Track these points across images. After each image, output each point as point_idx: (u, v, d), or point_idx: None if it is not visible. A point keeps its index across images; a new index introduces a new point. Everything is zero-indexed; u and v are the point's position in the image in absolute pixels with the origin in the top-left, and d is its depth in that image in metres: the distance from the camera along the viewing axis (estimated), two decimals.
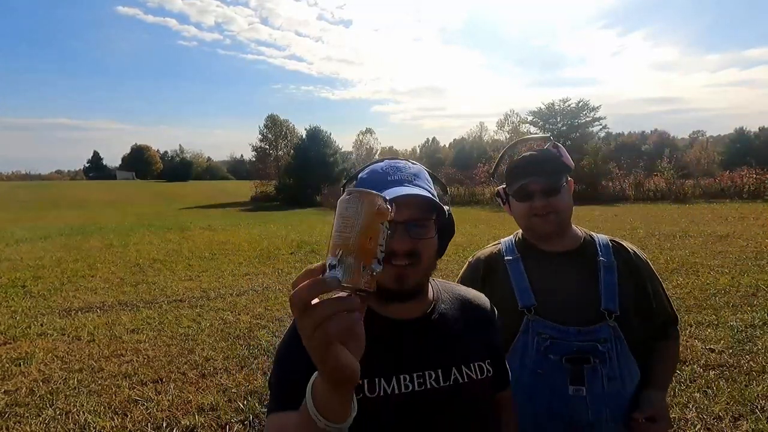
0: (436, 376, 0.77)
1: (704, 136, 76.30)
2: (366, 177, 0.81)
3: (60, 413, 2.86)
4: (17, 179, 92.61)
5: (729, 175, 18.39)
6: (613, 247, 1.15)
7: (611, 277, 1.09)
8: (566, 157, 1.14)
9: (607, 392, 1.03)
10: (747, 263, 5.85)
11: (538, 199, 1.10)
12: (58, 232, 13.15)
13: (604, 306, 1.05)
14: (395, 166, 0.81)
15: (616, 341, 1.04)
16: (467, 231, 10.84)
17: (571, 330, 1.04)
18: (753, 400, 2.67)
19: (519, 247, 1.20)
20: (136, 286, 6.19)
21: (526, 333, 1.08)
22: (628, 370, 1.05)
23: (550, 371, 1.04)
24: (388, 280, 0.74)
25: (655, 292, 1.13)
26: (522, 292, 1.11)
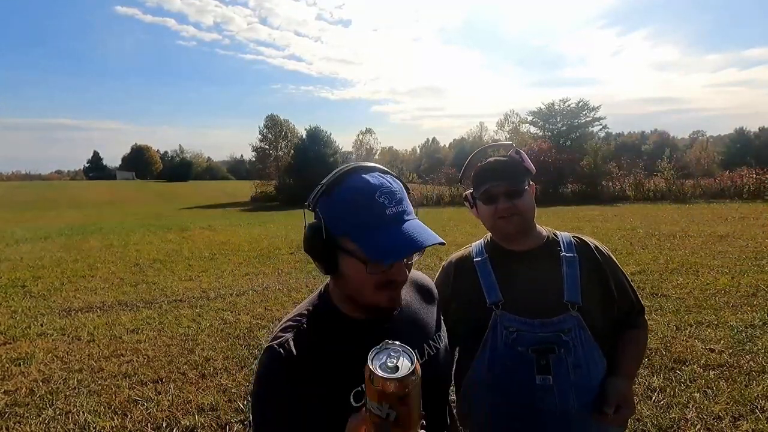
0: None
1: (704, 136, 76.39)
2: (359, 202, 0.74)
3: (60, 413, 2.86)
4: (17, 179, 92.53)
5: (729, 175, 18.34)
6: (575, 243, 1.21)
7: (573, 270, 1.15)
8: (528, 163, 1.21)
9: (573, 381, 1.07)
10: (747, 263, 5.85)
11: (501, 202, 1.16)
12: (58, 232, 13.16)
13: (567, 298, 1.11)
14: (388, 191, 0.76)
15: (579, 330, 1.09)
16: (467, 231, 10.84)
17: (536, 322, 1.10)
18: (753, 400, 2.67)
19: (488, 248, 1.27)
20: (136, 286, 6.20)
21: (494, 328, 1.13)
22: (593, 359, 1.10)
23: (517, 362, 1.09)
24: (385, 301, 0.79)
25: (617, 283, 1.19)
26: (489, 289, 1.17)
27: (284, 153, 42.39)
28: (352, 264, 0.75)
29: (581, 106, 30.05)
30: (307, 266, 7.20)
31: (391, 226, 0.73)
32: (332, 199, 0.76)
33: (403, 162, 66.86)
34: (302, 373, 0.75)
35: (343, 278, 0.79)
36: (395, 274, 0.76)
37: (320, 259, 0.78)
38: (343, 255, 0.76)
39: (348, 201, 0.75)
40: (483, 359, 1.14)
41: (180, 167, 77.21)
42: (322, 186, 0.78)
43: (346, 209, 0.75)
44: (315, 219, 0.78)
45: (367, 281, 0.76)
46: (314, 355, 0.77)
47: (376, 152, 66.79)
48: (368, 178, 0.76)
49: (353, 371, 0.71)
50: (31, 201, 34.85)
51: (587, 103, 30.04)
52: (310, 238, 0.78)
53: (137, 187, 55.39)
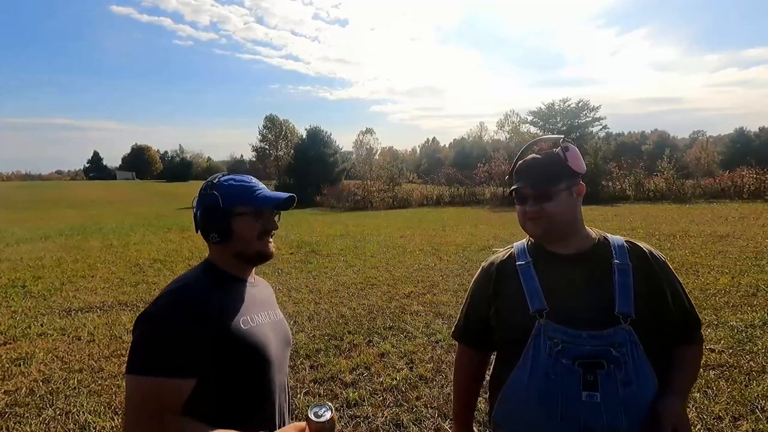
0: (272, 314, 1.20)
1: (704, 136, 76.32)
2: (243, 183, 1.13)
3: (60, 413, 2.86)
4: (17, 179, 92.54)
5: (729, 175, 18.32)
6: (628, 248, 1.12)
7: (626, 279, 1.06)
8: (573, 161, 1.12)
9: (622, 398, 1.00)
10: (747, 263, 5.85)
11: (530, 205, 1.12)
12: (58, 232, 13.15)
13: (619, 309, 1.03)
14: (253, 178, 1.18)
15: (631, 346, 1.01)
16: (467, 231, 10.84)
17: (584, 334, 1.02)
18: (753, 400, 2.67)
19: (531, 250, 1.19)
20: (136, 286, 6.20)
21: (537, 337, 1.06)
22: (644, 376, 1.02)
23: (562, 376, 1.02)
24: (267, 248, 1.14)
25: (674, 294, 1.10)
26: (533, 295, 1.10)
27: (284, 153, 42.41)
28: (245, 220, 1.09)
29: (581, 106, 30.08)
30: (307, 266, 7.20)
31: (263, 192, 1.14)
32: (222, 187, 1.11)
33: (404, 162, 66.79)
34: (204, 304, 0.99)
35: (235, 238, 1.09)
36: (271, 224, 1.14)
37: (218, 227, 1.08)
38: (237, 218, 1.08)
39: (234, 184, 1.12)
40: (524, 369, 1.07)
41: (180, 167, 77.17)
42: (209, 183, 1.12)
43: (235, 188, 1.11)
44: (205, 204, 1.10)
45: (254, 231, 1.10)
46: (210, 292, 1.04)
47: (376, 152, 66.75)
48: (235, 175, 1.15)
49: (239, 306, 1.07)
50: (31, 201, 34.84)
51: (587, 103, 30.09)
52: (207, 213, 1.09)
53: (137, 187, 55.37)
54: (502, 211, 16.86)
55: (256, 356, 1.04)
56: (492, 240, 8.87)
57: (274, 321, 1.18)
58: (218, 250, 1.11)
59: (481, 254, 7.64)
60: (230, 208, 1.08)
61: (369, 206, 23.32)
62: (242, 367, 1.02)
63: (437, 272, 6.37)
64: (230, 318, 1.02)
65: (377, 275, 6.38)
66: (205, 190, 1.12)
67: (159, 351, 0.92)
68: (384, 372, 3.28)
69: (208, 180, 1.14)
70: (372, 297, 5.27)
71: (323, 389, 3.06)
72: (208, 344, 0.95)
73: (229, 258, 1.11)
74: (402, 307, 4.83)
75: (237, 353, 1.00)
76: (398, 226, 12.83)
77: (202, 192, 1.12)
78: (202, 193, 1.12)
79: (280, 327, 1.20)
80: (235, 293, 1.09)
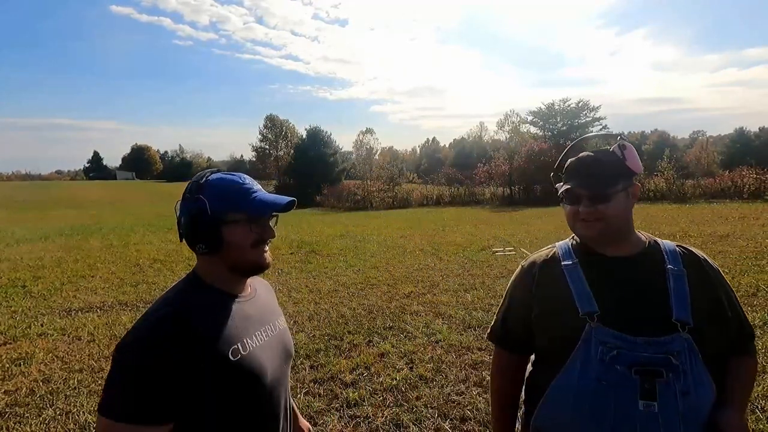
0: (271, 328, 1.09)
1: (704, 136, 76.32)
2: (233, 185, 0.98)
3: (60, 413, 2.86)
4: (17, 179, 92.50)
5: (729, 175, 18.33)
6: (681, 254, 1.08)
7: (681, 285, 1.02)
8: (631, 161, 1.07)
9: (681, 410, 0.95)
10: (747, 263, 5.85)
11: (584, 205, 1.06)
12: (58, 232, 13.15)
13: (677, 316, 0.98)
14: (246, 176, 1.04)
15: (690, 355, 0.97)
16: (467, 231, 10.83)
17: (639, 340, 0.97)
18: (753, 400, 2.66)
19: (576, 251, 1.14)
20: (136, 286, 6.19)
21: (588, 341, 1.01)
22: (703, 387, 0.97)
23: (616, 383, 0.97)
24: (262, 258, 1.01)
25: (729, 303, 1.06)
26: (582, 297, 1.04)
27: (284, 153, 42.40)
28: (237, 229, 0.96)
29: (581, 106, 30.08)
30: (307, 266, 7.20)
31: (259, 194, 1.00)
32: (211, 190, 0.96)
33: (404, 162, 66.76)
34: (188, 335, 0.87)
35: (226, 249, 0.96)
36: (267, 232, 1.01)
37: (206, 237, 0.95)
38: (228, 226, 0.95)
39: (224, 186, 0.98)
40: (571, 373, 1.02)
41: (180, 167, 77.18)
42: (194, 185, 0.98)
43: (226, 191, 0.97)
44: (190, 210, 0.96)
45: (247, 241, 0.97)
46: (196, 319, 0.91)
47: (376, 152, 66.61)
48: (226, 173, 1.02)
49: (230, 332, 0.94)
50: (31, 201, 34.83)
51: (587, 103, 30.09)
52: (193, 221, 0.95)
53: (137, 187, 55.35)
54: (502, 211, 16.86)
55: (248, 389, 0.94)
56: (492, 240, 8.84)
57: (272, 337, 1.07)
58: (206, 262, 0.99)
59: (481, 254, 7.64)
60: (220, 215, 0.94)
61: (369, 206, 23.33)
62: (232, 402, 0.92)
63: (437, 272, 6.37)
64: (217, 350, 0.90)
65: (377, 275, 6.38)
66: (190, 194, 0.97)
67: (129, 394, 0.83)
68: (384, 372, 3.28)
69: (193, 180, 1.00)
70: (372, 297, 5.27)
71: (323, 389, 3.06)
72: (190, 384, 0.85)
73: (218, 271, 0.99)
74: (402, 307, 4.83)
75: (225, 389, 0.90)
76: (398, 226, 12.83)
77: (187, 196, 0.97)
78: (186, 196, 0.98)
79: (278, 342, 1.09)
80: (224, 316, 0.96)
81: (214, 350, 0.90)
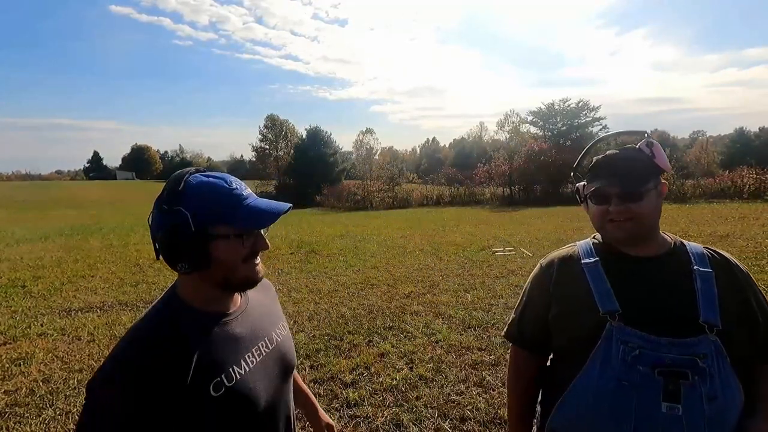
0: (266, 344, 0.98)
1: (704, 136, 76.30)
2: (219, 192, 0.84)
3: (60, 413, 2.86)
4: (17, 179, 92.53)
5: (729, 175, 18.34)
6: (709, 255, 1.06)
7: (709, 286, 0.98)
8: (660, 158, 1.04)
9: (707, 414, 0.91)
10: (747, 263, 5.84)
11: (614, 204, 1.02)
12: (58, 232, 13.15)
13: (704, 318, 0.94)
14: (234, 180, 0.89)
15: (718, 358, 0.93)
16: (467, 231, 10.83)
17: (663, 341, 0.94)
18: None
19: (598, 250, 1.11)
20: (136, 286, 6.19)
21: (609, 340, 0.97)
22: (731, 392, 0.93)
23: (638, 383, 0.94)
24: (254, 272, 0.90)
25: (759, 304, 1.02)
26: (603, 296, 1.01)
27: (284, 153, 42.38)
28: (227, 244, 0.84)
29: (581, 106, 30.07)
30: (307, 266, 7.20)
31: (251, 201, 0.87)
32: (192, 198, 0.82)
33: (404, 162, 66.79)
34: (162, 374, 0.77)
35: (215, 266, 0.84)
36: (261, 243, 0.89)
37: (190, 255, 0.82)
38: (216, 240, 0.83)
39: (210, 193, 0.83)
40: (591, 374, 0.98)
41: (180, 167, 75.87)
42: (170, 193, 0.82)
43: (212, 200, 0.83)
44: (169, 224, 0.81)
45: (238, 257, 0.86)
46: (173, 354, 0.80)
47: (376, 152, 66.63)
48: (209, 174, 0.88)
49: (213, 363, 0.84)
50: (31, 201, 34.83)
51: (587, 103, 30.07)
52: (174, 238, 0.81)
53: (137, 187, 55.35)
54: (502, 211, 16.87)
55: (239, 421, 0.86)
56: (492, 240, 8.84)
57: (267, 355, 0.96)
58: (188, 281, 0.88)
59: (481, 254, 7.64)
60: (206, 230, 0.81)
61: (369, 206, 23.33)
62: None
63: (437, 272, 6.37)
64: (194, 388, 0.79)
65: (377, 275, 6.38)
66: (167, 204, 0.81)
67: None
68: (384, 372, 3.28)
69: (169, 186, 0.83)
70: (372, 297, 5.27)
71: (323, 389, 3.06)
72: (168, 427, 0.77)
73: (203, 290, 0.88)
74: (402, 307, 4.83)
75: (212, 427, 0.82)
76: (398, 226, 12.83)
77: (163, 207, 0.82)
78: (162, 207, 0.82)
79: (275, 358, 0.98)
80: (206, 344, 0.85)
81: (190, 389, 0.79)
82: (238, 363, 0.88)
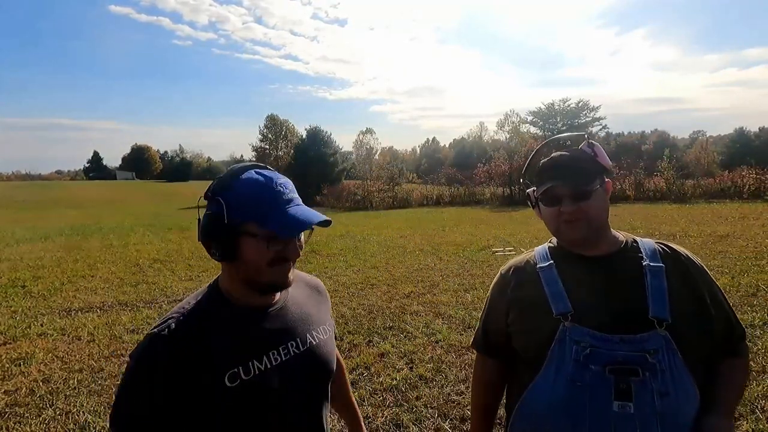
0: (296, 345, 0.96)
1: (704, 136, 76.26)
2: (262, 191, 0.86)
3: (60, 413, 2.86)
4: (17, 179, 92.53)
5: (729, 175, 18.31)
6: (660, 251, 1.06)
7: (659, 281, 0.99)
8: (602, 157, 1.07)
9: (659, 411, 0.90)
10: (747, 263, 5.85)
11: (566, 204, 1.04)
12: (58, 232, 13.15)
13: (653, 313, 0.95)
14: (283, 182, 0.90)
15: (668, 353, 0.92)
16: (467, 231, 10.83)
17: (615, 338, 0.94)
18: (753, 400, 2.67)
19: (553, 253, 1.13)
20: (136, 286, 6.19)
21: (562, 341, 0.98)
22: (683, 388, 0.93)
23: (590, 383, 0.94)
24: (281, 278, 0.90)
25: (713, 300, 1.02)
26: (556, 298, 1.03)
27: (284, 153, 42.40)
28: (254, 244, 0.85)
29: (581, 106, 30.11)
30: (307, 266, 7.19)
31: (290, 208, 0.87)
32: (235, 192, 0.86)
33: (404, 162, 66.81)
34: (183, 356, 0.82)
35: (241, 262, 0.87)
36: (290, 251, 0.89)
37: (220, 245, 0.86)
38: (245, 238, 0.85)
39: (252, 191, 0.86)
40: (547, 377, 0.99)
41: (180, 167, 77.30)
42: (221, 181, 0.88)
43: (251, 197, 0.85)
44: (209, 210, 0.88)
45: (264, 259, 0.86)
46: (196, 339, 0.85)
47: (376, 152, 66.70)
48: (263, 172, 0.90)
49: (232, 354, 0.86)
50: (31, 201, 34.83)
51: (587, 103, 30.13)
52: (209, 225, 0.86)
53: (137, 187, 55.37)
54: (502, 211, 16.86)
55: (250, 417, 0.87)
56: (492, 240, 8.82)
57: (297, 355, 0.95)
58: (225, 270, 0.93)
59: (481, 254, 7.64)
60: (237, 225, 0.84)
61: (369, 206, 23.32)
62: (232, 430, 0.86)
63: (437, 272, 6.37)
64: (211, 375, 0.83)
65: (377, 275, 6.38)
66: (213, 192, 0.88)
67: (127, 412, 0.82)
68: (384, 372, 3.28)
69: (223, 176, 0.90)
70: (372, 297, 5.27)
71: None
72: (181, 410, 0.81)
73: (237, 282, 0.91)
74: (402, 307, 4.83)
75: (223, 418, 0.84)
76: (398, 226, 12.83)
77: (209, 193, 0.89)
78: (208, 194, 0.89)
79: (306, 360, 0.97)
80: (233, 334, 0.88)
81: (207, 375, 0.83)
82: (259, 358, 0.89)
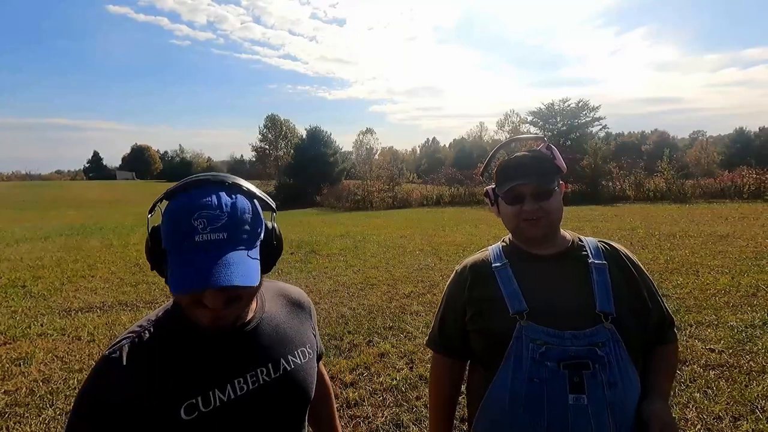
0: (267, 371, 0.85)
1: (704, 136, 76.27)
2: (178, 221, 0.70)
3: (60, 413, 2.86)
4: (17, 179, 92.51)
5: (729, 175, 18.35)
6: (603, 249, 1.12)
7: (603, 278, 1.05)
8: (559, 160, 1.12)
9: (609, 400, 0.96)
10: (747, 263, 5.85)
11: (528, 203, 1.07)
12: (58, 232, 13.15)
13: (600, 308, 1.01)
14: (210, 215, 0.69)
15: (614, 345, 0.99)
16: (467, 231, 10.83)
17: (567, 334, 0.99)
18: (753, 400, 2.67)
19: (507, 252, 1.16)
20: (136, 286, 6.19)
21: (519, 339, 1.02)
22: (628, 377, 1.00)
23: (547, 379, 0.98)
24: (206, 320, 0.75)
25: (649, 292, 1.09)
26: (512, 297, 1.06)
27: (284, 153, 42.43)
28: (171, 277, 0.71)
29: (581, 106, 30.04)
30: (307, 266, 7.20)
31: (193, 255, 0.69)
32: (167, 211, 0.72)
33: (404, 162, 66.82)
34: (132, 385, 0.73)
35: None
36: (206, 299, 0.71)
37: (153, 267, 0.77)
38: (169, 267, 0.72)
39: (173, 217, 0.71)
40: (506, 375, 1.02)
41: (180, 167, 77.34)
42: (167, 193, 0.74)
43: (170, 225, 0.71)
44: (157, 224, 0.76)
45: (182, 301, 0.75)
46: (149, 364, 0.75)
47: (376, 152, 66.75)
48: (198, 194, 0.71)
49: (190, 382, 0.76)
50: (31, 201, 34.83)
51: (587, 103, 30.04)
52: (147, 242, 0.76)
53: (137, 187, 55.39)
54: None
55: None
56: (492, 240, 8.75)
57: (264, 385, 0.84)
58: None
59: None
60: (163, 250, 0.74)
61: (369, 206, 23.32)
62: None
63: (437, 272, 6.37)
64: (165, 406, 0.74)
65: (377, 275, 6.38)
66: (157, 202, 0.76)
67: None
68: (384, 372, 3.28)
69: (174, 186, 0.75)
70: (372, 297, 5.27)
71: None
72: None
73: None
74: (402, 307, 4.83)
75: None
76: (398, 226, 12.83)
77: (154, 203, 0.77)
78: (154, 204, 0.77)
79: (280, 387, 0.87)
80: (200, 357, 0.78)
81: (161, 406, 0.73)
82: (222, 387, 0.79)
